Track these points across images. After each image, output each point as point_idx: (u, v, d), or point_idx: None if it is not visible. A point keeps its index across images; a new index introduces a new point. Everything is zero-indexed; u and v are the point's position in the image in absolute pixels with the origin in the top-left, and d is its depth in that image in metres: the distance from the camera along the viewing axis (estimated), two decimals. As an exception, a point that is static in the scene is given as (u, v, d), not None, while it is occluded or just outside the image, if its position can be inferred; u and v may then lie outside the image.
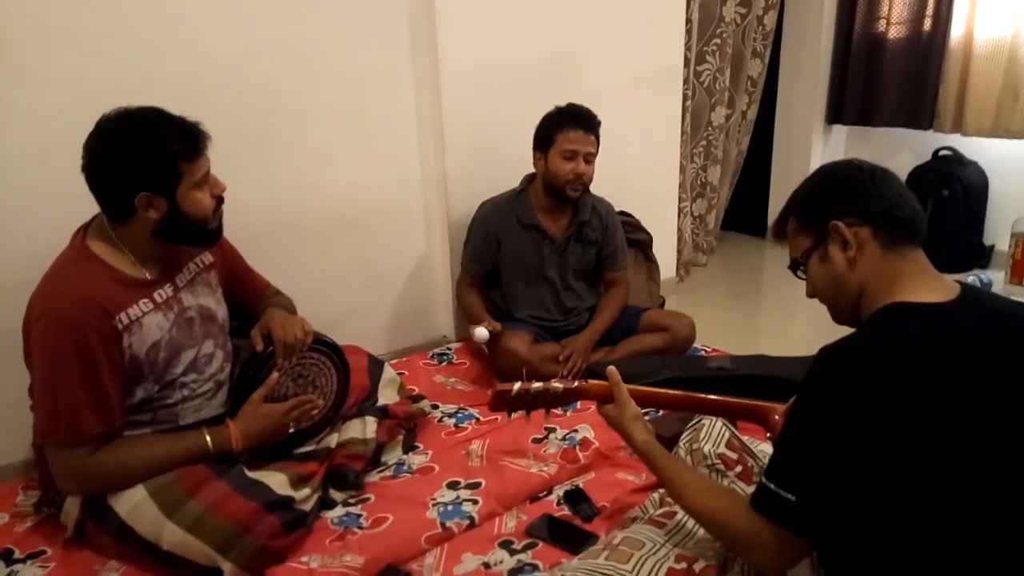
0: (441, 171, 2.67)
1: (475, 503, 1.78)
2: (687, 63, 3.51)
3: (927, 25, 3.76)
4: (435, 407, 2.28)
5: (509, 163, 2.60)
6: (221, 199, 1.66)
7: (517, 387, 1.42)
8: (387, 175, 2.64)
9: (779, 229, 1.28)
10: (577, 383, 1.43)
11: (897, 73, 3.91)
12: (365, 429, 1.92)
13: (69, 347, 1.49)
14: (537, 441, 2.05)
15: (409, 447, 2.04)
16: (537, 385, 1.42)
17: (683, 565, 1.27)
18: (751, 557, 1.17)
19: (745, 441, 1.58)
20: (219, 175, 1.64)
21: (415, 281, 2.81)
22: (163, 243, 1.63)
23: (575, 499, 1.78)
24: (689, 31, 3.47)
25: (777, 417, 1.42)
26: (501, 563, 1.58)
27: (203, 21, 2.13)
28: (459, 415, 2.23)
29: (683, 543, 1.33)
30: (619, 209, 2.75)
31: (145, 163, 1.50)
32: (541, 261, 2.53)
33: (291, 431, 1.78)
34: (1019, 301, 1.16)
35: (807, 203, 1.22)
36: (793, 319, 3.44)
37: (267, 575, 1.52)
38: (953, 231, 3.74)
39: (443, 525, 1.69)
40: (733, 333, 3.18)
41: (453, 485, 1.86)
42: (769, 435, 1.48)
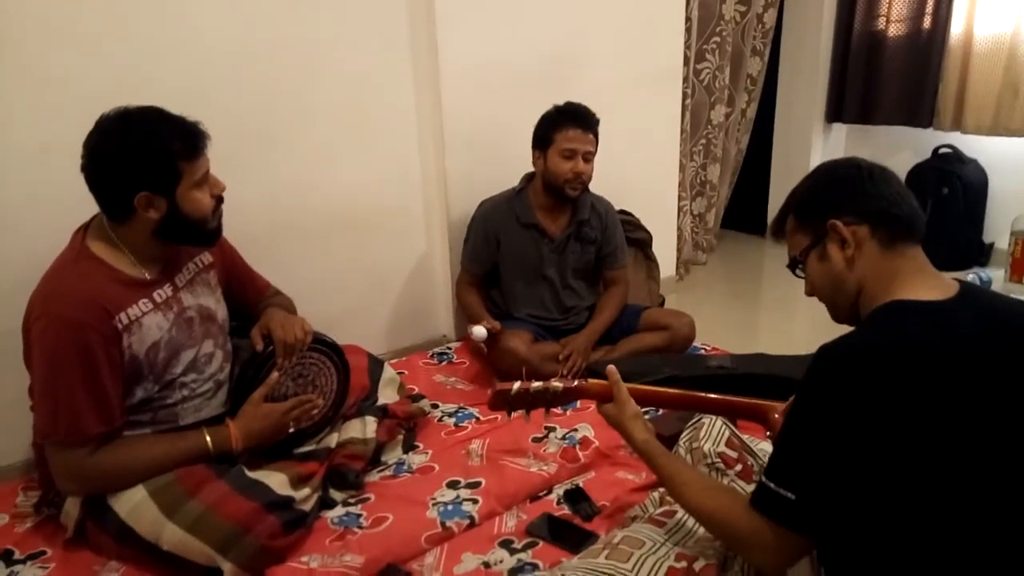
0: (441, 171, 2.67)
1: (475, 502, 1.78)
2: (687, 61, 3.51)
3: (927, 23, 3.76)
4: (435, 406, 2.28)
5: (509, 162, 2.60)
6: (221, 199, 1.66)
7: (517, 386, 1.42)
8: (387, 175, 2.64)
9: (778, 227, 1.28)
10: (577, 382, 1.43)
11: (897, 71, 3.91)
12: (365, 429, 1.92)
13: (69, 347, 1.49)
14: (537, 440, 2.05)
15: (409, 447, 2.04)
16: (537, 384, 1.42)
17: (683, 564, 1.27)
18: (751, 556, 1.17)
19: (745, 440, 1.58)
20: (219, 175, 1.64)
21: (415, 281, 2.81)
22: (163, 243, 1.63)
23: (575, 498, 1.78)
24: (689, 29, 3.47)
25: (777, 416, 1.42)
26: (501, 562, 1.58)
27: (203, 21, 2.13)
28: (459, 414, 2.23)
29: (683, 542, 1.33)
30: (619, 208, 2.74)
31: (145, 163, 1.50)
32: (540, 260, 2.53)
33: (291, 431, 1.78)
34: (1018, 299, 1.15)
35: (805, 202, 1.22)
36: (793, 318, 3.44)
37: (267, 575, 1.52)
38: (953, 229, 3.73)
39: (443, 524, 1.69)
40: (733, 332, 3.18)
41: (453, 484, 1.86)
42: (769, 434, 1.48)
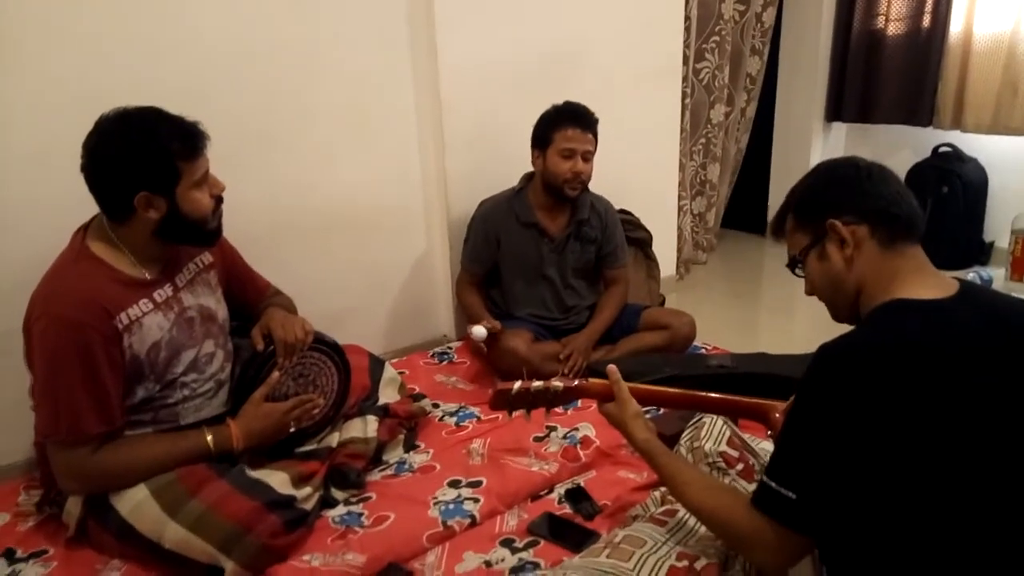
0: (441, 170, 2.67)
1: (476, 502, 1.78)
2: (686, 61, 3.51)
3: (926, 21, 3.75)
4: (436, 406, 2.28)
5: (509, 162, 2.59)
6: (220, 199, 1.66)
7: (517, 386, 1.42)
8: (387, 174, 2.64)
9: (778, 226, 1.28)
10: (577, 382, 1.43)
11: (896, 70, 3.90)
12: (366, 428, 1.92)
13: (69, 347, 1.49)
14: (538, 439, 2.05)
15: (410, 446, 2.04)
16: (537, 384, 1.42)
17: (684, 563, 1.27)
18: (752, 555, 1.17)
19: (746, 439, 1.58)
20: (219, 175, 1.64)
21: (415, 280, 2.81)
22: (163, 243, 1.63)
23: (576, 497, 1.79)
24: (688, 28, 3.47)
25: (778, 415, 1.42)
26: (502, 561, 1.58)
27: (203, 21, 2.13)
28: (460, 414, 2.23)
29: (684, 541, 1.33)
30: (619, 207, 2.74)
31: (144, 163, 1.50)
32: (540, 259, 2.53)
33: (292, 430, 1.78)
34: (1019, 298, 1.16)
35: (804, 201, 1.22)
36: (793, 317, 3.44)
37: (269, 574, 1.52)
38: (953, 228, 3.73)
39: (444, 524, 1.69)
40: (733, 331, 3.18)
41: (454, 484, 1.86)
42: (770, 433, 1.48)
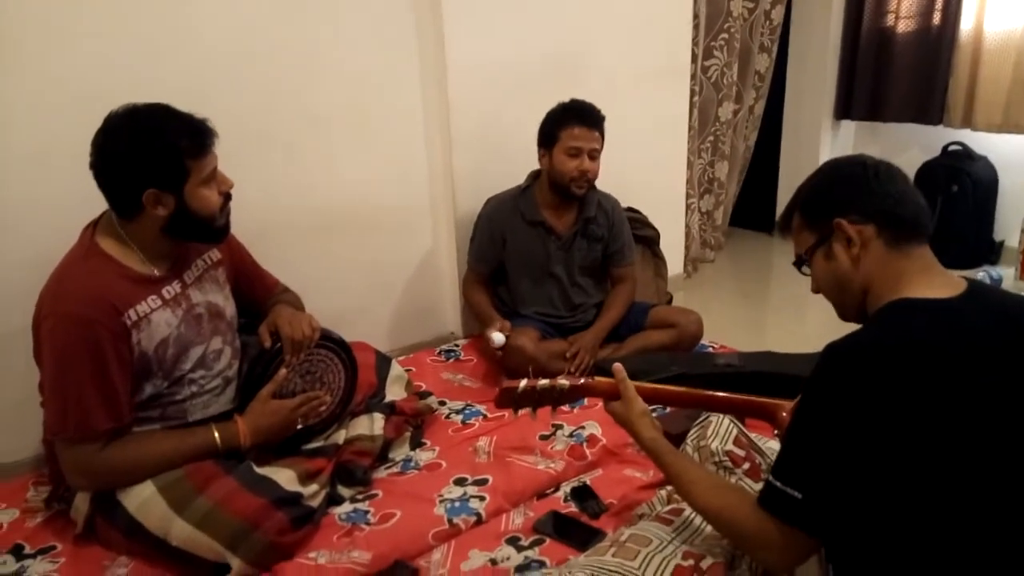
0: (448, 167, 2.67)
1: (482, 499, 1.78)
2: (694, 58, 3.50)
3: (936, 19, 3.73)
4: (442, 404, 2.28)
5: (516, 159, 2.59)
6: (229, 196, 1.66)
7: (523, 384, 1.42)
8: (394, 172, 2.64)
9: (785, 224, 1.27)
10: (583, 380, 1.43)
11: (906, 68, 3.88)
12: (373, 425, 1.92)
13: (78, 344, 1.49)
14: (544, 438, 2.05)
15: (416, 443, 2.04)
16: (543, 382, 1.42)
17: (690, 562, 1.27)
18: (758, 555, 1.17)
19: (753, 438, 1.58)
20: (226, 174, 1.64)
21: (422, 278, 2.81)
22: (171, 240, 1.63)
23: (582, 496, 1.78)
24: (696, 26, 3.46)
25: (785, 414, 1.41)
26: (508, 559, 1.58)
27: (203, 21, 2.13)
28: (466, 412, 2.24)
29: (690, 540, 1.33)
30: (626, 205, 2.74)
31: (153, 160, 1.50)
32: (547, 258, 2.53)
33: (299, 427, 1.79)
34: (1029, 297, 1.15)
35: (811, 200, 1.22)
36: (801, 316, 3.42)
37: (275, 571, 1.52)
38: (962, 227, 3.71)
39: (450, 521, 1.69)
40: (741, 329, 3.17)
41: (460, 481, 1.86)
42: (777, 432, 1.48)
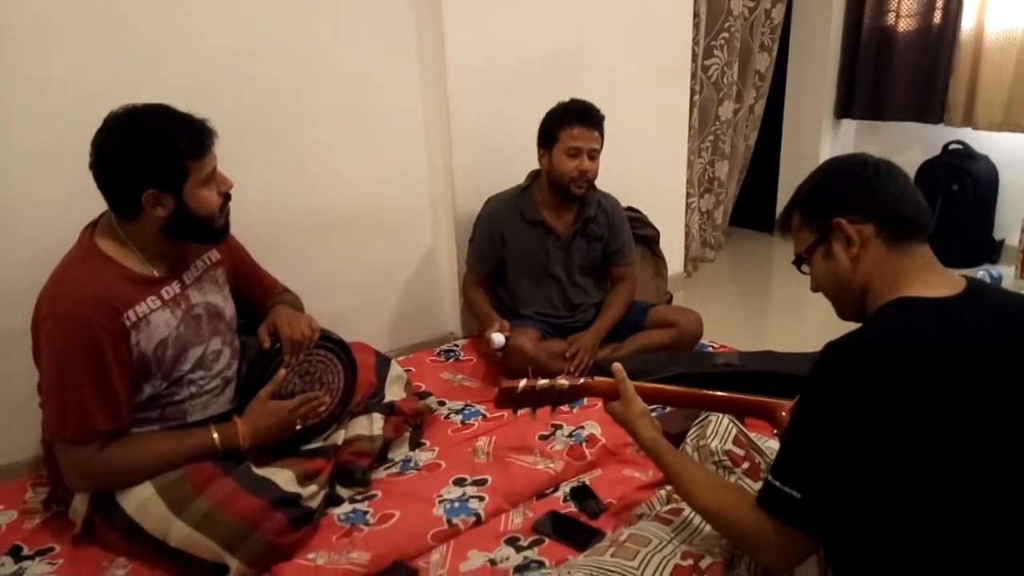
0: (448, 167, 2.67)
1: (481, 500, 1.77)
2: (694, 57, 3.49)
3: (937, 17, 3.73)
4: (442, 404, 2.28)
5: (517, 159, 2.59)
6: (228, 196, 1.66)
7: (523, 384, 1.42)
8: (394, 172, 2.64)
9: (785, 223, 1.27)
10: (583, 380, 1.43)
11: (907, 67, 3.88)
12: (372, 426, 1.92)
13: (77, 344, 1.49)
14: (544, 438, 2.04)
15: (416, 444, 2.04)
16: (543, 382, 1.42)
17: (689, 562, 1.27)
18: (757, 555, 1.17)
19: (752, 438, 1.57)
20: (224, 174, 1.64)
21: (422, 278, 2.81)
22: (170, 240, 1.63)
23: (581, 496, 1.78)
24: (697, 25, 3.45)
25: (784, 414, 1.41)
26: (507, 560, 1.58)
27: (203, 21, 2.13)
28: (466, 412, 2.23)
29: (690, 540, 1.33)
30: (626, 205, 2.74)
31: (152, 160, 1.50)
32: (547, 257, 2.52)
33: (298, 428, 1.79)
34: (1029, 296, 1.15)
35: (811, 198, 1.21)
36: (801, 315, 3.42)
37: (274, 572, 1.52)
38: (963, 226, 3.71)
39: (449, 522, 1.69)
40: (741, 329, 3.17)
41: (459, 482, 1.86)
42: (776, 432, 1.47)
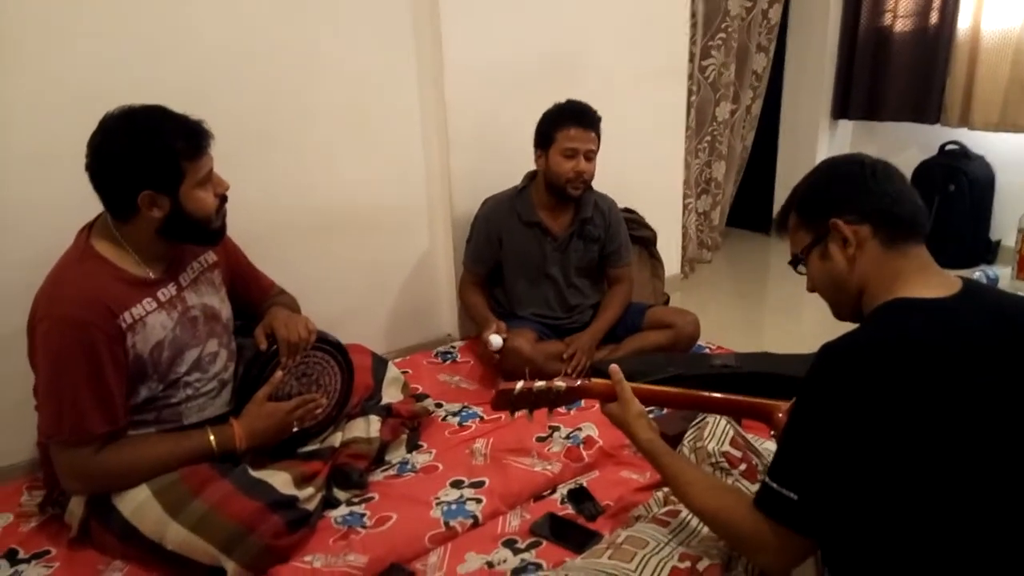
0: (445, 168, 2.67)
1: (479, 502, 1.77)
2: (692, 58, 3.50)
3: (934, 18, 3.73)
4: (439, 406, 2.28)
5: (514, 159, 2.59)
6: (224, 198, 1.65)
7: (520, 386, 1.42)
8: (390, 173, 2.64)
9: (782, 223, 1.28)
10: (580, 382, 1.43)
11: (904, 67, 3.89)
12: (369, 428, 1.92)
13: (73, 346, 1.49)
14: (541, 440, 2.04)
15: (413, 446, 2.04)
16: (540, 384, 1.42)
17: (687, 564, 1.26)
18: (754, 556, 1.17)
19: (749, 439, 1.58)
20: (221, 175, 1.64)
21: (419, 279, 2.81)
22: (167, 242, 1.63)
23: (579, 498, 1.78)
24: (694, 26, 3.46)
25: (781, 415, 1.41)
26: (505, 562, 1.58)
27: (203, 21, 2.13)
28: (463, 414, 2.23)
29: (687, 542, 1.33)
30: (623, 206, 2.74)
31: (148, 161, 1.50)
32: (543, 259, 2.52)
33: (295, 430, 1.78)
34: (1024, 297, 1.15)
35: (807, 199, 1.22)
36: (798, 316, 3.42)
37: (271, 575, 1.51)
38: (959, 226, 3.71)
39: (447, 524, 1.69)
40: (738, 330, 3.17)
41: (457, 484, 1.86)
42: (773, 433, 1.47)
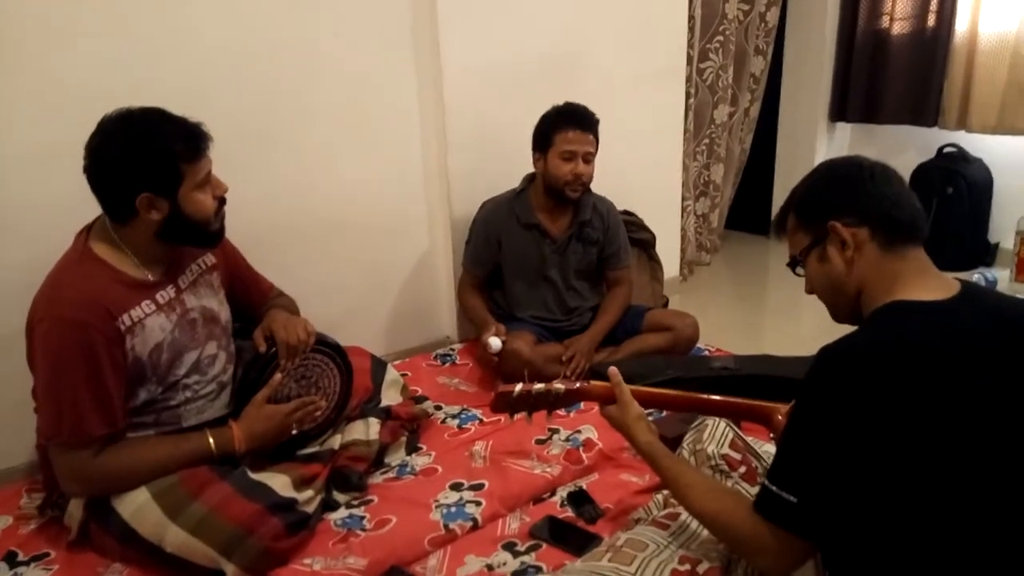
0: (444, 170, 2.67)
1: (478, 504, 1.77)
2: (690, 61, 3.50)
3: (931, 21, 3.74)
4: (438, 408, 2.28)
5: (512, 161, 2.59)
6: (223, 200, 1.66)
7: (519, 388, 1.41)
8: (389, 174, 2.64)
9: (780, 225, 1.27)
10: (579, 384, 1.43)
11: (901, 70, 3.89)
12: (368, 430, 1.92)
13: (72, 348, 1.49)
14: (540, 442, 2.04)
15: (412, 448, 2.03)
16: (539, 386, 1.42)
17: (687, 567, 1.26)
18: (754, 559, 1.17)
19: (749, 442, 1.57)
20: (220, 176, 1.64)
21: (417, 281, 2.81)
22: (165, 244, 1.63)
23: (578, 500, 1.78)
24: (692, 28, 3.46)
25: (781, 417, 1.41)
26: (504, 565, 1.57)
27: (203, 21, 2.13)
28: (462, 416, 2.23)
29: (687, 545, 1.33)
30: (622, 208, 2.74)
31: (147, 164, 1.50)
32: (542, 261, 2.52)
33: (294, 432, 1.78)
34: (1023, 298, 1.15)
35: (806, 201, 1.22)
36: (797, 319, 3.42)
37: (270, 577, 1.52)
38: (958, 229, 3.71)
39: (446, 527, 1.69)
40: (737, 333, 3.17)
41: (456, 486, 1.85)
42: (773, 436, 1.48)
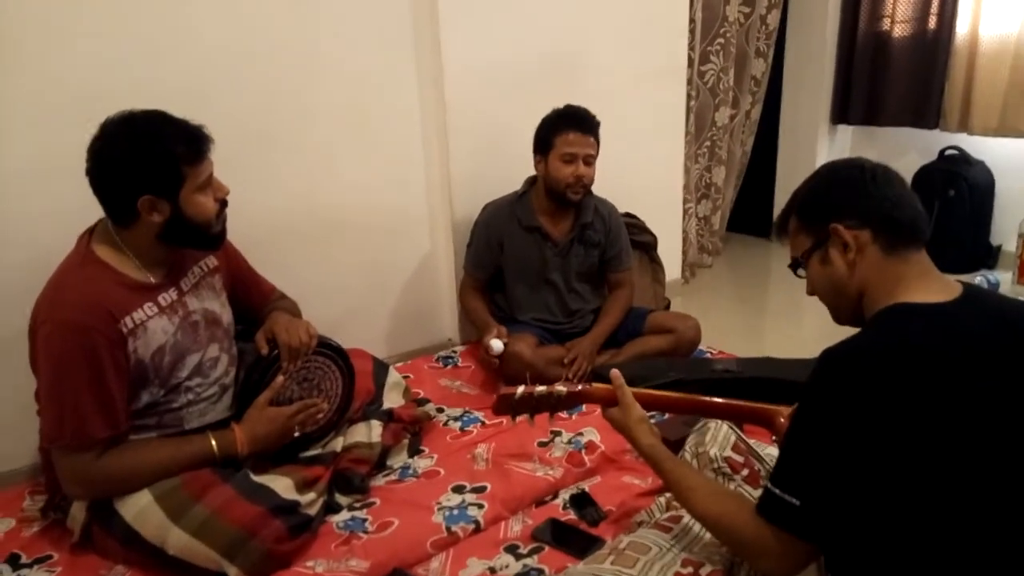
0: (445, 172, 2.67)
1: (481, 507, 1.77)
2: (691, 63, 3.50)
3: (932, 23, 3.74)
4: (440, 411, 2.28)
5: (514, 163, 2.59)
6: (225, 202, 1.66)
7: (521, 391, 1.41)
8: (390, 176, 2.64)
9: (782, 227, 1.27)
10: (581, 387, 1.43)
11: (902, 72, 3.89)
12: (370, 433, 1.92)
13: (75, 351, 1.49)
14: (543, 445, 2.04)
15: (414, 451, 2.04)
16: (541, 389, 1.42)
17: (689, 570, 1.26)
18: (757, 562, 1.17)
19: (752, 444, 1.57)
20: (221, 177, 1.64)
21: (419, 283, 2.81)
22: (167, 247, 1.63)
23: (581, 503, 1.78)
24: (692, 31, 3.46)
25: (783, 420, 1.41)
26: (507, 568, 1.57)
27: (203, 21, 2.13)
28: (464, 418, 2.23)
29: (689, 547, 1.32)
30: (623, 211, 2.74)
31: (148, 166, 1.50)
32: (544, 264, 2.52)
33: (296, 435, 1.78)
34: (1025, 301, 1.15)
35: (808, 203, 1.21)
36: (800, 321, 3.42)
37: (272, 580, 1.52)
38: (959, 231, 3.71)
39: (449, 529, 1.69)
40: (739, 335, 3.17)
41: (459, 489, 1.85)
42: (775, 438, 1.47)
